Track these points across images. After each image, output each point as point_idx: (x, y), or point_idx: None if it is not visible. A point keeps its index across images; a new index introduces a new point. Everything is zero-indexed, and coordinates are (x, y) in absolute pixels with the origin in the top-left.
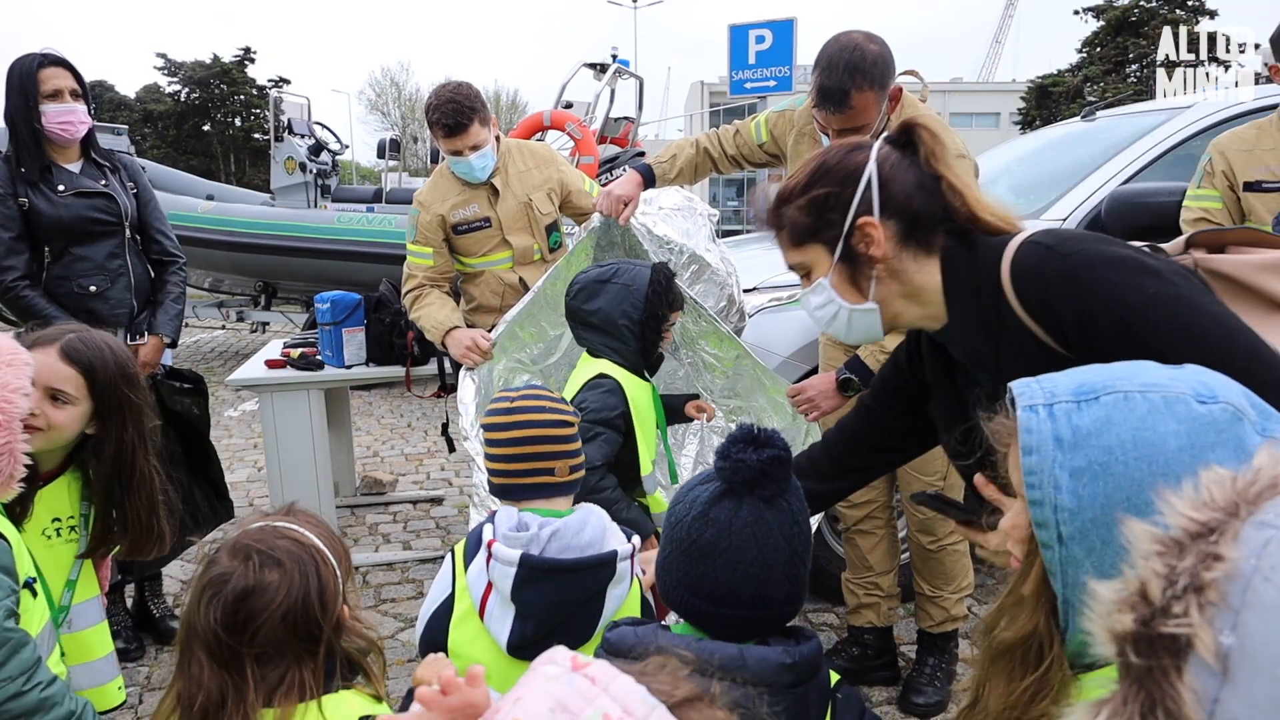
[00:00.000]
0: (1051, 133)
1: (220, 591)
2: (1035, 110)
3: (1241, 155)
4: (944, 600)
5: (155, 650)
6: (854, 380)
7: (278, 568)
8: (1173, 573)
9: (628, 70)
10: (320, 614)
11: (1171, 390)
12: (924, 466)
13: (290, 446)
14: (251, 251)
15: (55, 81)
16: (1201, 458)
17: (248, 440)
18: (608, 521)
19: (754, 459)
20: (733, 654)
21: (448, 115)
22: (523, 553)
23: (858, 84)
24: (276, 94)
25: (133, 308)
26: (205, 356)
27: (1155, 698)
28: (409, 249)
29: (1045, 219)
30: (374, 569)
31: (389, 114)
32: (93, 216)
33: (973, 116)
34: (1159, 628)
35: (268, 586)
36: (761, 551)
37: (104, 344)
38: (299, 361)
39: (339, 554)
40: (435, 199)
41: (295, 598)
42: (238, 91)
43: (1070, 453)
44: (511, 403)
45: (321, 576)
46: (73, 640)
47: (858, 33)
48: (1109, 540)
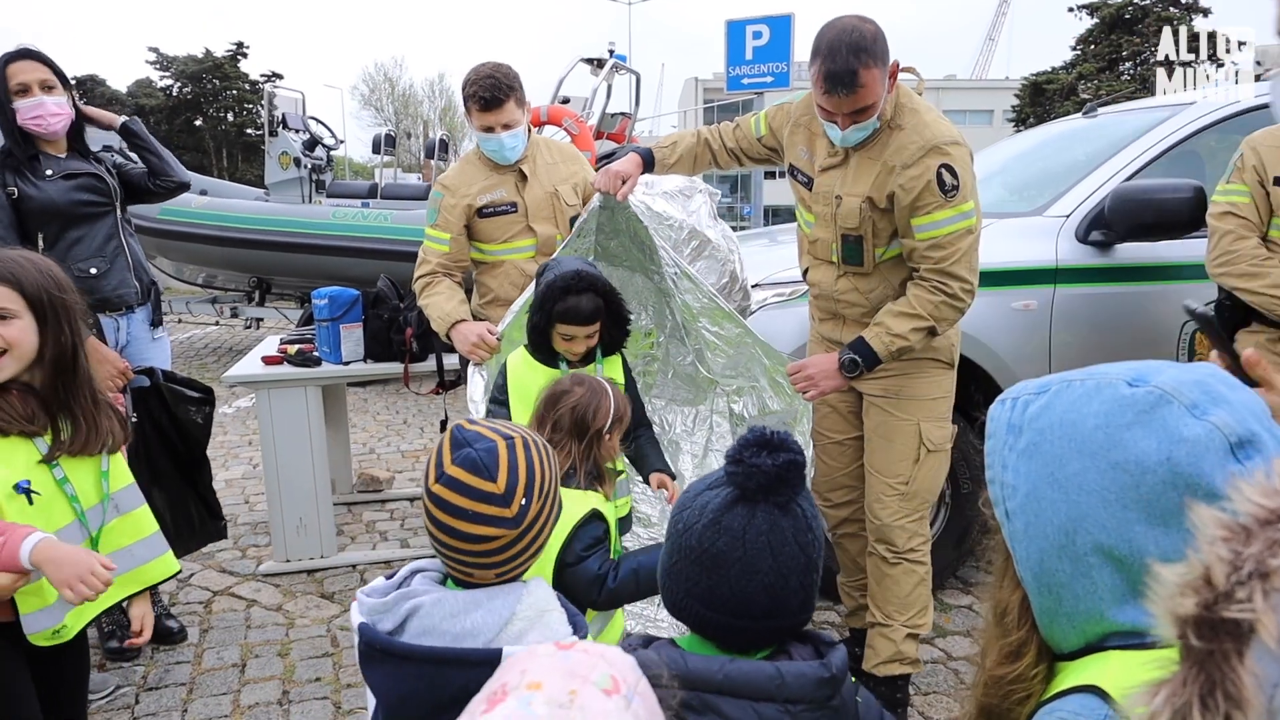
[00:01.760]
0: (1052, 129)
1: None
2: (1029, 108)
3: (1274, 151)
4: (893, 632)
5: (151, 650)
6: (859, 361)
7: (581, 385)
8: (1238, 558)
9: (624, 65)
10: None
11: (1108, 376)
12: (888, 468)
13: (287, 443)
14: (246, 247)
15: (21, 76)
16: (1115, 436)
17: (243, 437)
18: (543, 607)
19: (769, 464)
20: (770, 674)
21: (485, 88)
22: (361, 622)
23: (864, 62)
24: (270, 88)
25: (136, 288)
26: (199, 353)
27: (1215, 680)
28: (427, 233)
29: (1048, 215)
30: (371, 567)
31: (383, 109)
32: (82, 198)
33: (966, 114)
34: (1222, 612)
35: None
36: (777, 561)
37: (21, 257)
38: (296, 358)
39: (620, 407)
40: (462, 183)
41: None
42: (230, 86)
43: (1018, 436)
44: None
45: (601, 406)
46: (127, 521)
47: (850, 16)
48: (1039, 513)
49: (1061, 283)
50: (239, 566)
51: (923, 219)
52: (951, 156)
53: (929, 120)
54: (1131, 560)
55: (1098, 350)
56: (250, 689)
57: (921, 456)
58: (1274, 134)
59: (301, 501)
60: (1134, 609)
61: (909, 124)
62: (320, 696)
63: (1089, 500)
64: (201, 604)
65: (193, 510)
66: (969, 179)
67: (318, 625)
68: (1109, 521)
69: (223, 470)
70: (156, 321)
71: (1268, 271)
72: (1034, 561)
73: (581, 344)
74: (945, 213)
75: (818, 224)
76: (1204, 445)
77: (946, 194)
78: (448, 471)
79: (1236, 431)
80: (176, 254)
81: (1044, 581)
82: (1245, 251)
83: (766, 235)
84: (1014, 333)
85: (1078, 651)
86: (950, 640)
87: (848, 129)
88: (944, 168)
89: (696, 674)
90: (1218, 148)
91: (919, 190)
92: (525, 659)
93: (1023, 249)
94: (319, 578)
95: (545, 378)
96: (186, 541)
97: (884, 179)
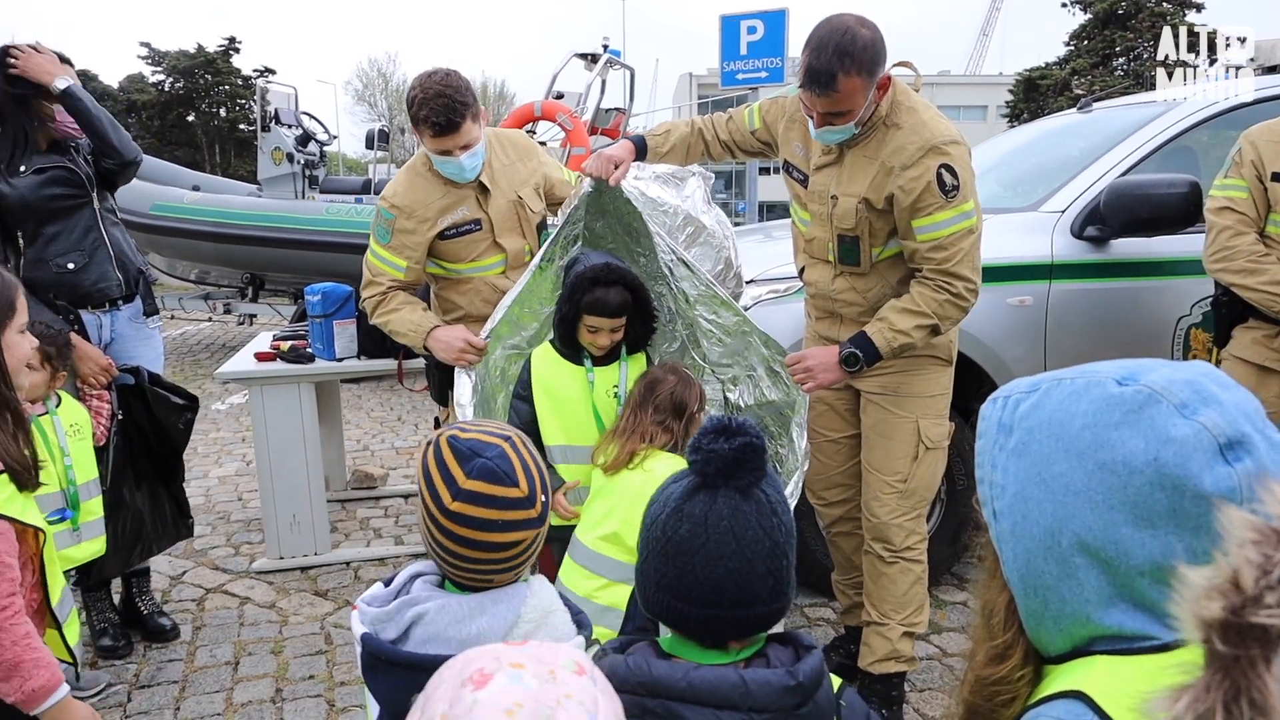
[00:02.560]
0: (1047, 124)
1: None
2: (1023, 103)
3: (1272, 146)
4: (889, 630)
5: (144, 648)
6: (859, 356)
7: (673, 372)
8: (1268, 562)
9: (619, 61)
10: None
11: (1098, 375)
12: (886, 466)
13: (280, 440)
14: (238, 243)
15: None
16: (1103, 435)
17: (236, 434)
18: (548, 608)
19: (726, 448)
20: (734, 681)
21: (438, 113)
22: (364, 633)
23: (845, 68)
24: (263, 84)
25: (119, 279)
26: (191, 349)
27: (1240, 687)
28: (375, 250)
29: (1043, 211)
30: (365, 564)
31: (376, 105)
32: (53, 193)
33: (960, 109)
34: (1249, 617)
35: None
36: (740, 545)
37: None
38: (289, 354)
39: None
40: (415, 203)
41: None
42: (223, 82)
43: (1008, 435)
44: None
45: (692, 388)
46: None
47: (851, 16)
48: (1026, 514)
49: (1057, 278)
50: (232, 564)
51: (924, 220)
52: (951, 156)
53: (927, 119)
54: (1118, 563)
55: (1093, 346)
56: (243, 687)
57: (920, 454)
58: (1272, 129)
59: (295, 498)
60: (1120, 612)
61: (907, 123)
62: (314, 694)
63: (1076, 501)
64: (194, 601)
65: (167, 509)
66: (969, 177)
67: (311, 623)
68: (1096, 523)
69: (216, 467)
70: (150, 311)
71: (1266, 268)
72: (1020, 563)
73: (605, 337)
74: (946, 213)
75: (814, 223)
76: (1192, 446)
77: (947, 194)
78: (466, 487)
79: (1226, 432)
80: (169, 250)
81: (1030, 583)
82: (1243, 247)
83: (761, 231)
84: (1009, 329)
85: (1065, 655)
86: (945, 637)
87: (822, 127)
88: (944, 168)
89: (660, 681)
90: (1212, 143)
91: (919, 191)
92: (481, 655)
93: (1018, 245)
94: (312, 575)
95: (571, 374)
96: (161, 539)
97: (882, 180)
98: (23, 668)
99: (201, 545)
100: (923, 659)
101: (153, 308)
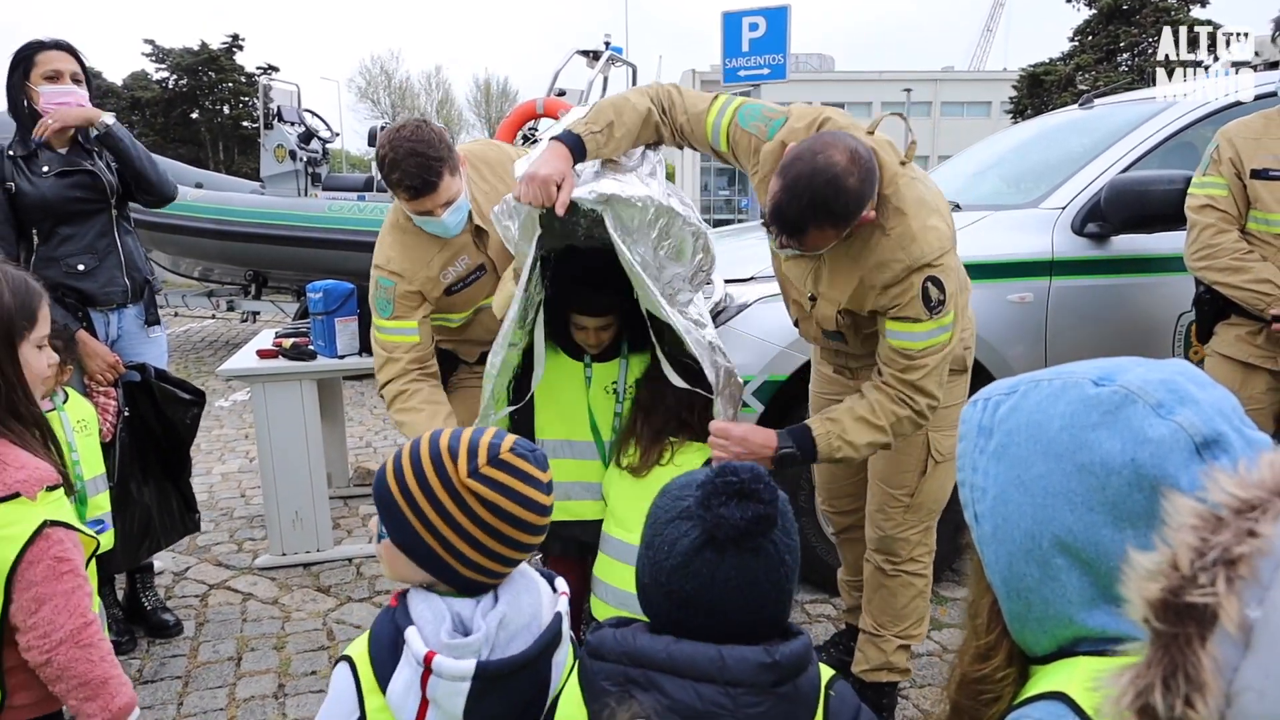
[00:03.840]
0: (1048, 121)
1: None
2: (1027, 99)
3: (1249, 143)
4: (884, 642)
5: (147, 643)
6: (796, 457)
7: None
8: (1205, 545)
9: (620, 58)
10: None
11: (1074, 375)
12: (892, 479)
13: (283, 437)
14: (242, 240)
15: (57, 64)
16: (1081, 436)
17: (239, 431)
18: (526, 564)
19: (738, 517)
20: (711, 656)
21: (411, 176)
22: (478, 661)
23: (819, 222)
24: (266, 81)
25: (126, 286)
26: (195, 346)
27: (1177, 663)
28: (380, 326)
29: (1044, 207)
30: (367, 560)
31: (379, 102)
32: (75, 195)
33: (964, 105)
34: (1185, 597)
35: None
36: (747, 600)
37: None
38: (291, 351)
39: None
40: (413, 265)
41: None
42: (226, 79)
43: (988, 438)
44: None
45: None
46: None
47: (842, 147)
48: (1007, 517)
49: (1057, 275)
50: (235, 560)
51: (899, 326)
52: (940, 269)
53: (916, 230)
54: (1100, 564)
55: (1094, 342)
56: (246, 682)
57: (929, 468)
58: (1248, 125)
59: (297, 495)
60: (1103, 613)
61: (895, 231)
62: (316, 690)
63: (1056, 503)
64: (197, 597)
65: (174, 504)
66: (954, 287)
67: (314, 619)
68: (1076, 525)
69: (219, 464)
70: (151, 320)
71: (1249, 266)
72: (1003, 565)
73: (593, 335)
74: (925, 326)
75: (794, 305)
76: (1168, 446)
77: (931, 309)
78: (502, 457)
79: (1202, 431)
80: (172, 247)
81: (1013, 586)
82: (1226, 245)
83: (762, 228)
84: (1010, 325)
85: (1050, 655)
86: (946, 633)
87: (785, 248)
88: (930, 281)
89: (643, 651)
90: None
91: (903, 304)
92: None
93: (1019, 241)
94: (315, 571)
95: (569, 373)
96: (169, 534)
97: (862, 293)
98: (110, 685)
99: (205, 541)
100: (923, 655)
101: (154, 317)
